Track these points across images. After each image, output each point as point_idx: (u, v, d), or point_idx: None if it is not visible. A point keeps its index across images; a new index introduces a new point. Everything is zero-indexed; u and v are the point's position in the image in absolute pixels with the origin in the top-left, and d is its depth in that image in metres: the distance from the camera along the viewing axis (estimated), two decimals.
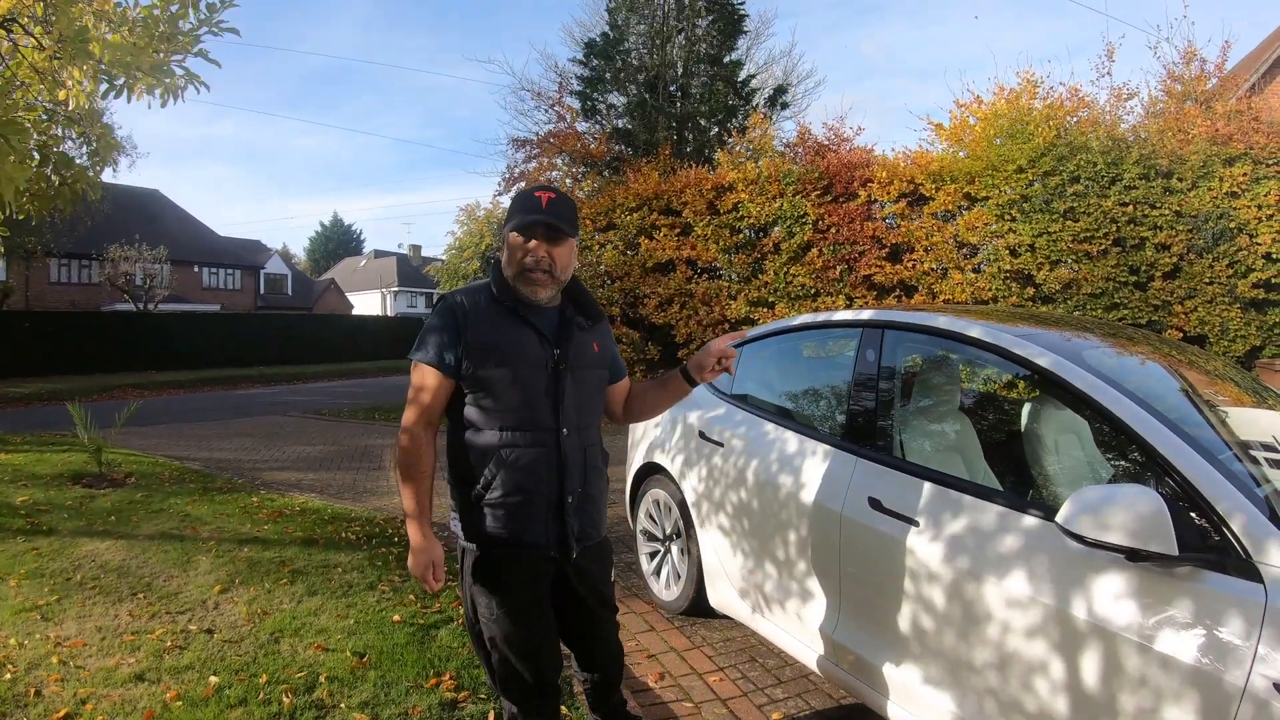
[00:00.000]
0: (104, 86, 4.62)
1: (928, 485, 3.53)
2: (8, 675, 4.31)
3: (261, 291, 57.94)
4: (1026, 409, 4.34)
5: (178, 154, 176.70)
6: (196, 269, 51.55)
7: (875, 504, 3.67)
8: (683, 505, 5.29)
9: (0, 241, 5.48)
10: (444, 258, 59.80)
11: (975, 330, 3.75)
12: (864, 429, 4.05)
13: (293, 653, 4.59)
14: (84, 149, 5.36)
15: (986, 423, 4.70)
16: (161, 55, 4.48)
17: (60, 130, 5.46)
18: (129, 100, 4.77)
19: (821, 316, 4.87)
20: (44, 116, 5.07)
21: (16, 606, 5.30)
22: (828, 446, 4.19)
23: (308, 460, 12.13)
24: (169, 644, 4.70)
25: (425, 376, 2.94)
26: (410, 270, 77.84)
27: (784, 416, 4.77)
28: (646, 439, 5.84)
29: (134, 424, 10.89)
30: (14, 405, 21.73)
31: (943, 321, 3.95)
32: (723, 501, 4.82)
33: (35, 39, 4.42)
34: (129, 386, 26.37)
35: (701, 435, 5.15)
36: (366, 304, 72.45)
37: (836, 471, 4.01)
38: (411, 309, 74.28)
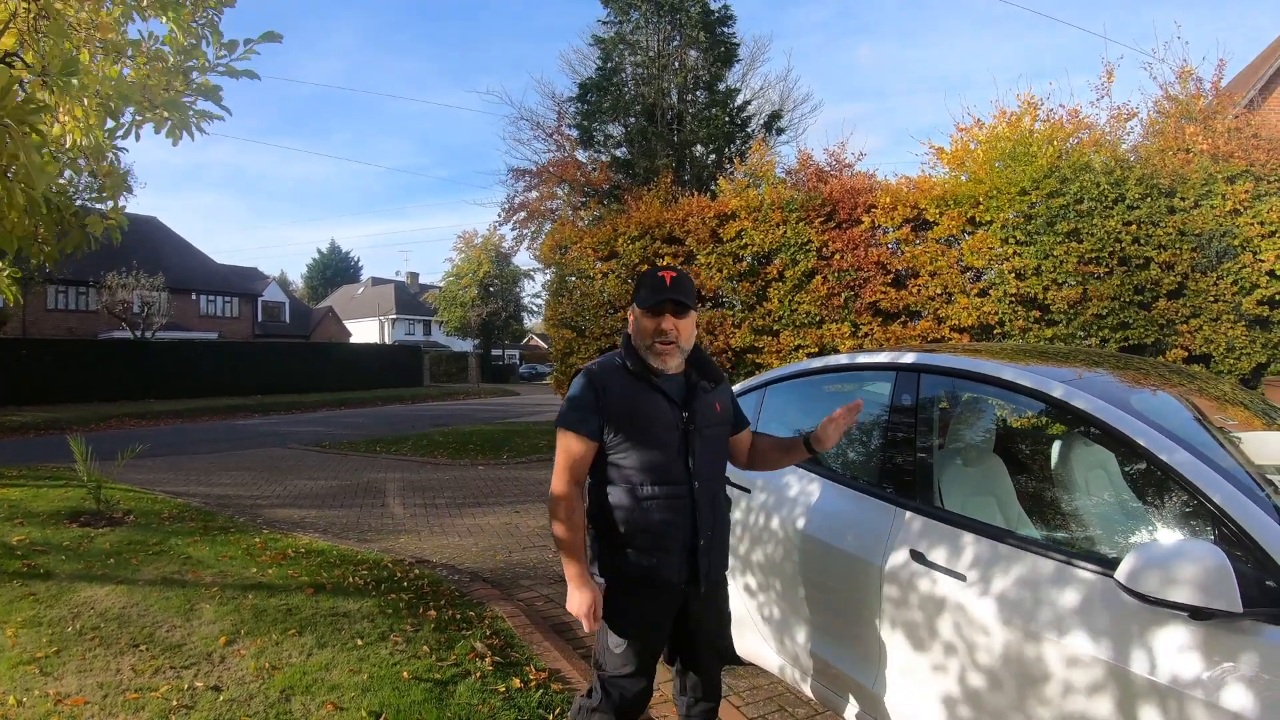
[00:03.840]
0: (110, 125, 4.50)
1: (973, 537, 3.41)
2: None
3: (259, 319, 57.97)
4: (1056, 448, 4.21)
5: (169, 180, 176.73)
6: (194, 297, 51.56)
7: (919, 557, 3.53)
8: None
9: (14, 282, 5.34)
10: (442, 285, 59.99)
11: (1022, 377, 3.60)
12: (902, 477, 3.91)
13: (305, 712, 4.39)
14: (94, 188, 5.19)
15: (1017, 464, 4.54)
16: (171, 93, 4.34)
17: (67, 173, 5.29)
18: (137, 138, 4.65)
19: (846, 358, 4.73)
20: (53, 156, 4.93)
21: (14, 659, 5.10)
22: (863, 494, 4.04)
23: (310, 496, 11.98)
24: (175, 703, 4.50)
25: (573, 443, 3.26)
26: (408, 298, 77.95)
27: (813, 461, 4.61)
28: None
29: (133, 456, 10.70)
30: (10, 435, 21.62)
31: (987, 367, 3.82)
32: (751, 549, 4.65)
33: (32, 70, 4.27)
34: (127, 416, 26.30)
35: (726, 480, 4.97)
36: (365, 332, 72.47)
37: (874, 521, 3.85)
38: (410, 336, 74.34)
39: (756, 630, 4.65)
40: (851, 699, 3.90)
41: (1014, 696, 3.09)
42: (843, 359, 4.76)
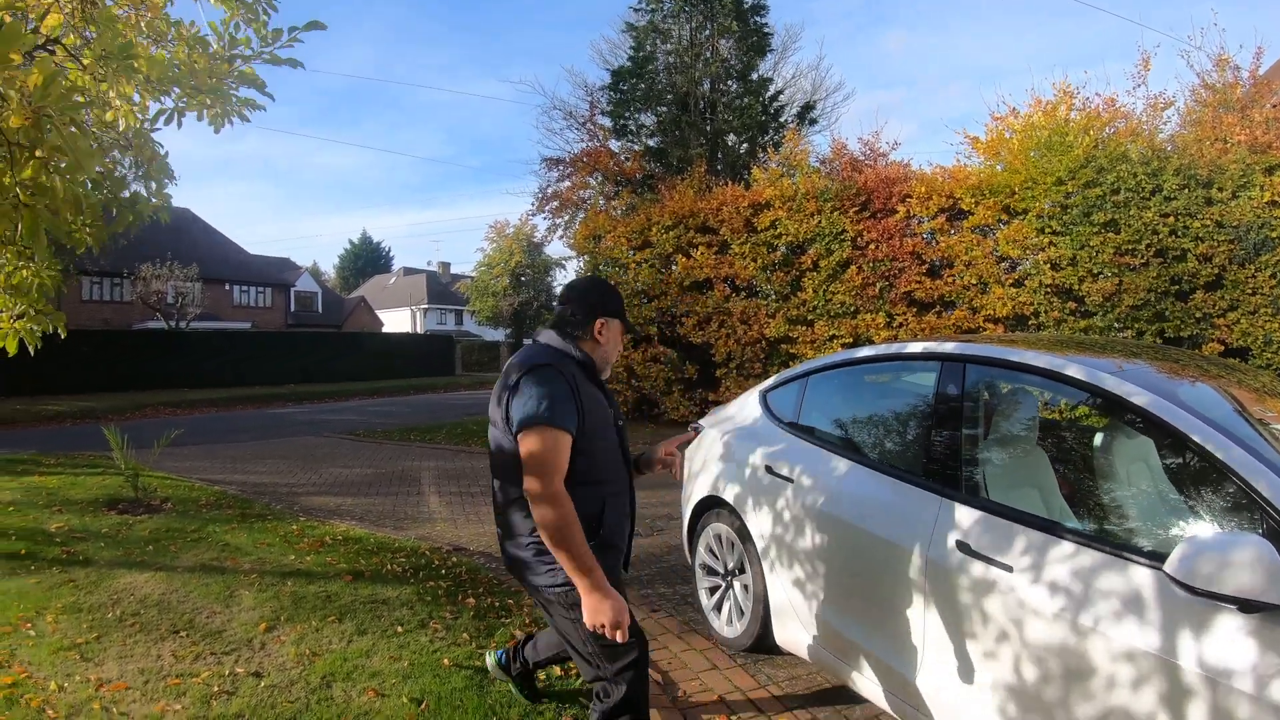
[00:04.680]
0: (154, 109, 4.50)
1: (1019, 528, 3.37)
2: None
3: (292, 309, 58.13)
4: (1097, 439, 4.16)
5: (202, 172, 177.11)
6: (227, 287, 51.73)
7: (964, 547, 3.49)
8: (747, 541, 5.09)
9: (59, 274, 5.41)
10: (474, 275, 59.90)
11: (1072, 369, 3.57)
12: (947, 467, 3.87)
13: (346, 699, 4.40)
14: (138, 173, 5.22)
15: (1059, 455, 4.48)
16: (214, 81, 4.33)
17: (116, 154, 5.32)
18: (179, 125, 4.65)
19: (889, 347, 4.69)
20: (94, 145, 4.95)
21: (55, 645, 5.13)
22: (907, 484, 4.00)
23: (346, 484, 12.01)
24: (216, 689, 4.51)
25: (560, 440, 3.07)
26: (440, 287, 78.13)
27: (856, 451, 4.58)
28: (707, 471, 5.64)
29: (169, 445, 10.76)
30: (47, 424, 21.78)
31: (1031, 358, 3.78)
32: (793, 539, 4.62)
33: (75, 57, 4.28)
34: (162, 405, 26.47)
35: (769, 470, 4.94)
36: (396, 321, 72.66)
37: (918, 511, 3.81)
38: (442, 326, 74.44)
39: (798, 619, 4.62)
40: (894, 689, 3.87)
41: (1059, 688, 3.05)
42: (886, 348, 4.71)
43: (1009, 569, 3.29)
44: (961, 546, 3.51)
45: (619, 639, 3.04)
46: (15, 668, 4.81)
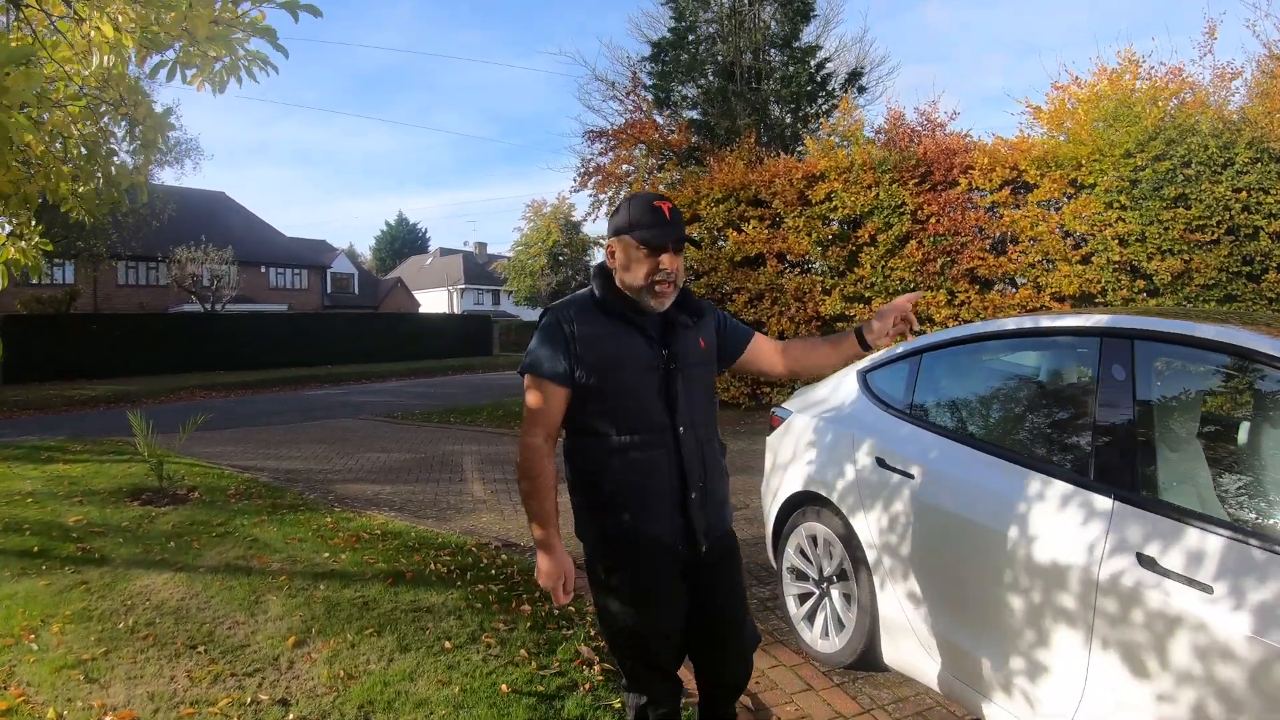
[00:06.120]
0: (154, 61, 3.93)
1: (1218, 539, 2.72)
2: None
3: (328, 291, 58.29)
4: (1244, 428, 3.47)
5: (237, 157, 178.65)
6: (263, 269, 51.81)
7: (1148, 562, 2.82)
8: (852, 544, 4.41)
9: (42, 255, 4.92)
10: (510, 254, 59.70)
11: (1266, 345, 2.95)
12: (1120, 465, 3.19)
13: None
14: (131, 144, 4.70)
15: (1211, 446, 3.79)
16: (221, 27, 3.72)
17: (106, 121, 4.78)
18: (184, 80, 4.06)
19: (1027, 321, 3.99)
20: (88, 105, 4.44)
21: (58, 661, 4.59)
22: (1066, 484, 3.29)
23: (383, 470, 11.49)
24: None
25: (544, 390, 2.90)
26: (476, 267, 78.19)
27: (993, 443, 3.88)
28: (798, 463, 4.95)
29: (200, 429, 10.36)
30: (80, 408, 21.73)
31: (1216, 333, 3.14)
32: (913, 544, 3.95)
33: None
34: (196, 388, 26.41)
35: (880, 463, 4.26)
36: (433, 302, 72.77)
37: (1084, 518, 3.13)
38: (478, 306, 74.56)
39: (916, 638, 3.96)
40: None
41: None
42: (1023, 321, 4.01)
43: (1208, 590, 2.63)
44: (1145, 561, 2.84)
45: (556, 602, 2.97)
46: (12, 690, 4.30)
